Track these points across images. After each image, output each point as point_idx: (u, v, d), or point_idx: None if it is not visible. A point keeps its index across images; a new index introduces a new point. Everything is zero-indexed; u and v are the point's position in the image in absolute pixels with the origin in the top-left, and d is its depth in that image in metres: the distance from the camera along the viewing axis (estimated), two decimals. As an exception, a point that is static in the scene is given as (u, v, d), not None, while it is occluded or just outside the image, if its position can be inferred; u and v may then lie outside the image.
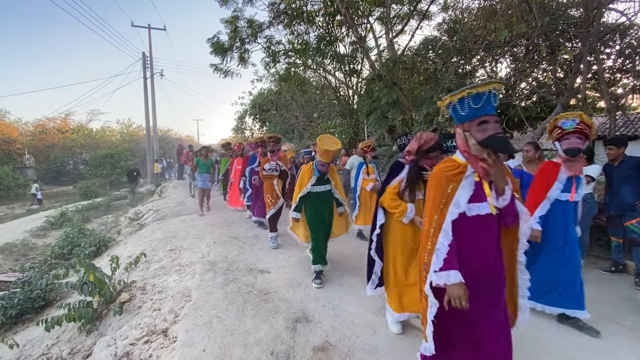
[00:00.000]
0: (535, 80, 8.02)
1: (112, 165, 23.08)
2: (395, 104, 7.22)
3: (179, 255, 4.63)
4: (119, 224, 8.94)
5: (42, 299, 4.08)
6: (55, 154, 27.85)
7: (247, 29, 9.60)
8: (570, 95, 5.48)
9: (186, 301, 3.14)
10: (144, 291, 3.58)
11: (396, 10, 9.33)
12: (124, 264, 3.88)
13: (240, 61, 9.98)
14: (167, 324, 2.80)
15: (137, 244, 5.67)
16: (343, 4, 7.80)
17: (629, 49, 6.55)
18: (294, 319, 2.79)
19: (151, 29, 19.06)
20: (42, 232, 9.18)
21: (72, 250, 6.27)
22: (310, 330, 2.64)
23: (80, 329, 3.15)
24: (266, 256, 4.40)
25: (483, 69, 9.24)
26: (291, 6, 9.42)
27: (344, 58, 10.18)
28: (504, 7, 5.97)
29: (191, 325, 2.68)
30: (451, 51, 7.72)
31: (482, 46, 7.04)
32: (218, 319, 2.78)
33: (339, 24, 9.90)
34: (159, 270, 4.16)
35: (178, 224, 6.51)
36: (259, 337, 2.53)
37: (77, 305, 3.11)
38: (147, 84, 18.84)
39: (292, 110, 17.51)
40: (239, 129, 24.55)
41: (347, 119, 11.34)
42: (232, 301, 3.07)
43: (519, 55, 7.83)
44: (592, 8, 4.83)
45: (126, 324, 2.95)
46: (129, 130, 35.13)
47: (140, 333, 2.72)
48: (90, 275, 3.27)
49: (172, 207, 8.66)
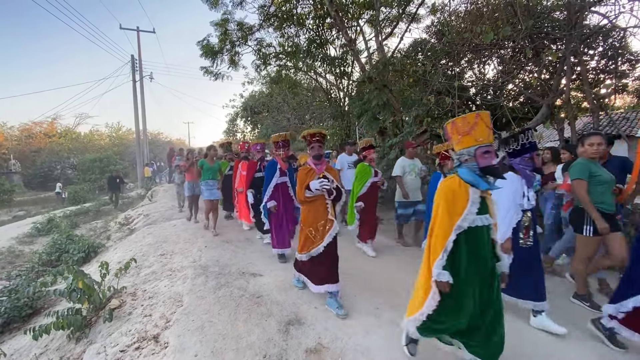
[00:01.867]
0: (522, 81, 8.20)
1: (101, 170, 22.73)
2: (385, 105, 7.29)
3: (170, 260, 4.58)
4: (109, 229, 8.81)
5: (29, 307, 4.01)
6: (42, 159, 27.31)
7: (237, 31, 9.58)
8: (555, 96, 5.60)
9: (177, 306, 3.11)
10: (134, 297, 3.54)
11: (385, 13, 9.42)
12: (114, 270, 3.83)
13: (231, 64, 9.95)
14: (159, 329, 2.78)
15: (127, 249, 5.60)
16: (333, 6, 7.86)
17: (612, 50, 6.76)
18: (286, 321, 2.79)
19: (140, 31, 18.86)
20: (29, 238, 9.00)
21: (60, 256, 6.15)
22: (302, 332, 2.64)
23: (69, 336, 3.10)
24: (259, 259, 4.39)
25: (471, 70, 9.41)
26: (281, 9, 9.44)
27: (334, 60, 10.24)
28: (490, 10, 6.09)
29: (183, 331, 2.66)
30: (439, 53, 7.84)
31: (469, 48, 7.17)
32: (210, 323, 2.76)
33: (329, 26, 9.95)
34: (149, 275, 4.11)
35: (169, 229, 6.45)
36: (251, 340, 2.53)
37: (66, 313, 3.06)
38: (136, 87, 18.63)
39: (284, 112, 17.51)
40: (231, 131, 24.48)
41: (338, 121, 11.39)
42: (224, 305, 3.06)
43: (505, 58, 7.99)
44: (575, 11, 4.95)
45: (116, 330, 2.91)
46: (118, 134, 34.68)
47: (131, 339, 2.69)
48: (79, 282, 3.21)
49: (162, 211, 8.56)
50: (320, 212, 3.01)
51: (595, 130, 5.13)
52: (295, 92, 13.08)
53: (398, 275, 3.83)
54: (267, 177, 4.14)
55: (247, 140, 21.82)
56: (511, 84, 8.16)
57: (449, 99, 6.48)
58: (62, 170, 27.83)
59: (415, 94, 7.98)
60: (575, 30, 4.90)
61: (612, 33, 6.34)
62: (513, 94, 9.15)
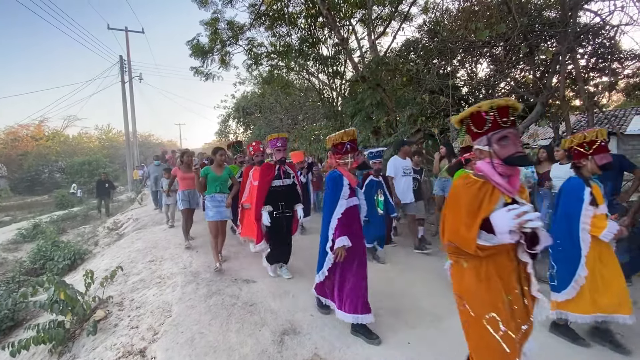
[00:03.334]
0: (514, 79, 8.19)
1: (90, 173, 22.31)
2: (379, 105, 7.20)
3: (159, 266, 4.41)
4: (97, 235, 8.55)
5: (10, 319, 3.82)
6: (29, 162, 26.63)
7: (227, 30, 9.41)
8: (549, 94, 5.58)
9: (166, 317, 2.96)
10: (121, 307, 3.38)
11: (377, 11, 9.35)
12: (100, 278, 3.66)
13: (222, 64, 9.76)
14: (145, 342, 2.62)
15: (115, 255, 5.40)
16: (325, 5, 7.75)
17: (602, 48, 6.79)
18: (281, 331, 2.66)
19: (129, 31, 18.56)
20: (14, 245, 8.69)
21: (44, 264, 5.91)
22: (298, 342, 2.52)
23: (51, 351, 2.93)
24: (251, 265, 4.25)
25: (463, 69, 9.39)
26: (272, 8, 9.29)
27: (327, 60, 10.12)
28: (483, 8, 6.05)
29: (171, 344, 2.52)
30: (432, 52, 7.78)
31: (462, 47, 7.13)
32: (200, 334, 2.62)
33: (321, 25, 9.83)
34: (137, 283, 3.94)
35: (159, 233, 6.26)
36: (244, 352, 2.39)
37: (47, 326, 2.89)
38: (125, 88, 18.31)
39: (277, 112, 17.33)
40: (223, 132, 24.19)
41: (332, 121, 11.27)
42: (215, 315, 2.92)
43: (498, 56, 7.97)
44: (569, 8, 4.93)
45: (101, 344, 2.75)
46: (108, 136, 34.10)
47: (116, 354, 2.54)
48: (61, 293, 3.04)
49: (152, 215, 8.35)
50: (506, 275, 1.55)
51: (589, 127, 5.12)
52: (288, 92, 12.92)
53: (398, 279, 3.73)
54: (331, 199, 2.66)
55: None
56: (504, 82, 8.16)
57: (443, 98, 6.43)
58: (50, 174, 27.22)
59: (408, 93, 7.91)
60: (569, 27, 4.88)
61: (603, 31, 6.36)
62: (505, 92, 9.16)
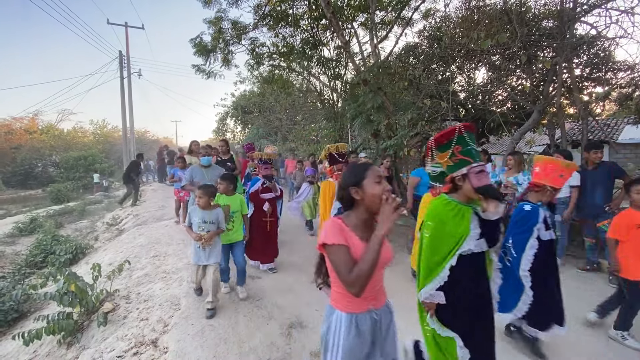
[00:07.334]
0: (511, 87, 8.39)
1: (86, 168, 22.05)
2: (380, 108, 7.32)
3: (163, 261, 4.48)
4: (96, 230, 8.56)
5: (15, 311, 3.86)
6: (23, 156, 26.22)
7: (231, 30, 9.47)
8: (546, 103, 5.75)
9: (175, 310, 3.04)
10: (128, 300, 3.45)
11: (379, 16, 9.48)
12: (106, 272, 3.72)
13: (224, 63, 9.81)
14: (157, 334, 2.71)
15: (117, 250, 5.45)
16: (329, 8, 7.85)
17: (597, 59, 7.01)
18: (288, 324, 2.76)
19: (128, 27, 18.46)
20: (11, 239, 8.63)
21: (45, 258, 5.92)
22: (305, 335, 2.62)
23: (59, 342, 2.99)
24: (255, 261, 4.34)
25: (461, 75, 9.57)
26: (276, 9, 9.38)
27: (328, 62, 10.23)
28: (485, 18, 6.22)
29: (182, 335, 2.60)
30: (432, 57, 7.94)
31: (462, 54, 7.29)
32: (210, 327, 2.71)
33: (324, 28, 9.94)
34: (142, 278, 4.01)
35: (161, 229, 6.31)
36: (254, 344, 2.49)
37: (57, 317, 2.95)
38: (124, 84, 18.21)
39: (276, 112, 17.40)
40: (220, 130, 24.18)
41: (331, 122, 11.38)
42: (223, 308, 3.01)
43: (496, 64, 8.16)
44: (567, 20, 5.10)
45: (111, 335, 2.83)
46: (103, 132, 33.72)
47: (128, 344, 2.62)
48: (72, 285, 3.10)
49: (152, 211, 8.38)
50: None
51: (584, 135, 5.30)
52: (288, 92, 12.99)
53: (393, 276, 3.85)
54: None
55: (237, 140, 21.57)
56: (501, 89, 8.35)
57: (444, 103, 6.58)
58: (43, 168, 26.91)
59: (408, 97, 8.05)
60: (566, 39, 5.06)
61: (598, 43, 6.58)
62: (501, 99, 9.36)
